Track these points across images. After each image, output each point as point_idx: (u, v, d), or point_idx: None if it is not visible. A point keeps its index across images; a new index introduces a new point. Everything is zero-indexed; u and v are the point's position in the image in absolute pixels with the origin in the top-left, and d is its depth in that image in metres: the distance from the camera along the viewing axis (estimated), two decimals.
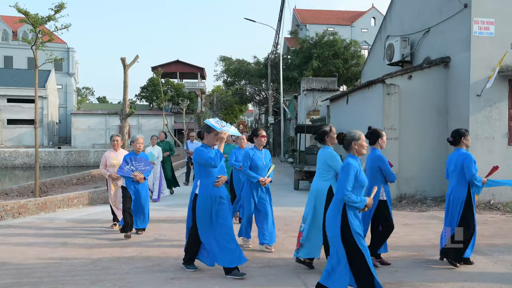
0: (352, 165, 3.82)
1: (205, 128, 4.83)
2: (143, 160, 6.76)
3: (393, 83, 9.97)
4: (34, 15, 9.65)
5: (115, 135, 7.50)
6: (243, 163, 5.92)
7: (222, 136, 4.67)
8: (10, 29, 51.50)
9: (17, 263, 5.28)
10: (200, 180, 4.79)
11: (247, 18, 42.43)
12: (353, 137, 3.98)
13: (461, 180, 5.16)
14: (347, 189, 3.74)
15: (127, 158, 6.66)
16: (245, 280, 4.68)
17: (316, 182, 4.97)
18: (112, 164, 7.18)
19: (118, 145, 7.34)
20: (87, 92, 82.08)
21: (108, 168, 7.23)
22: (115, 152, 7.32)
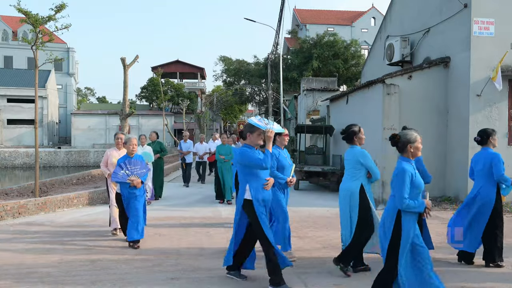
0: (407, 170, 3.65)
1: (247, 127, 4.51)
2: (138, 163, 6.23)
3: (393, 83, 9.97)
4: (34, 15, 9.64)
5: (119, 132, 7.19)
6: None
7: (269, 135, 4.37)
8: (10, 29, 51.52)
9: (17, 263, 5.28)
10: (249, 184, 4.43)
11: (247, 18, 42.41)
12: (409, 139, 3.81)
13: (489, 180, 5.14)
14: (404, 197, 3.57)
15: (121, 162, 6.14)
16: (245, 280, 4.68)
17: (347, 182, 4.93)
18: (114, 163, 6.75)
19: (122, 143, 6.90)
20: (88, 92, 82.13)
21: (109, 167, 6.89)
22: (118, 151, 7.00)
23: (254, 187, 4.41)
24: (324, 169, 12.31)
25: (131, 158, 6.24)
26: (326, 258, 5.50)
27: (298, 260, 5.41)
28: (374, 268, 5.08)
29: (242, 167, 4.48)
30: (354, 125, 5.05)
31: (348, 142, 5.02)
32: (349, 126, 5.04)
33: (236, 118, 61.65)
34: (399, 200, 3.59)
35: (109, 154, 6.96)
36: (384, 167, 9.79)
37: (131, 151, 6.28)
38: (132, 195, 6.14)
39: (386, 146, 9.84)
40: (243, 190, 4.46)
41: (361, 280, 4.69)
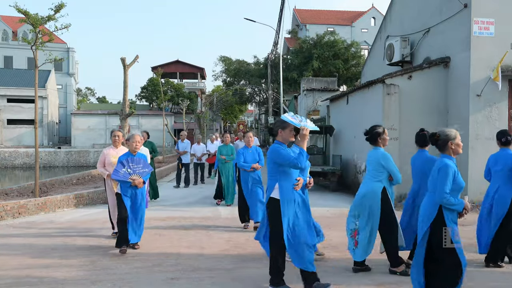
0: (451, 166, 3.61)
1: (279, 123, 4.32)
2: (141, 161, 5.90)
3: (393, 83, 9.97)
4: (34, 15, 9.64)
5: (116, 130, 6.82)
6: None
7: (305, 133, 4.17)
8: (10, 29, 51.52)
9: (17, 263, 5.28)
10: (279, 182, 4.22)
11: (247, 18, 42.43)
12: (449, 136, 3.77)
13: (508, 181, 5.14)
14: (445, 191, 3.55)
15: (123, 160, 5.81)
16: (245, 280, 4.68)
17: (368, 183, 4.90)
18: (112, 162, 6.41)
19: (120, 141, 6.61)
20: (89, 92, 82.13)
21: (107, 167, 6.48)
22: (116, 149, 6.60)
23: (283, 187, 4.21)
24: (324, 169, 12.31)
25: (134, 156, 5.91)
26: (326, 258, 5.51)
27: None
28: (374, 269, 5.09)
29: (273, 164, 4.26)
30: (378, 126, 5.02)
31: (371, 143, 4.99)
32: (373, 127, 5.01)
33: (236, 118, 61.67)
34: (440, 195, 3.56)
35: (106, 153, 6.56)
36: None
37: (134, 149, 5.93)
38: (133, 195, 5.84)
39: (386, 146, 9.83)
40: (272, 188, 4.26)
41: (361, 280, 4.69)
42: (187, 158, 13.22)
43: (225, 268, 5.13)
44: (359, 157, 11.44)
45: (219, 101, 44.01)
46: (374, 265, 5.24)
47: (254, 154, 7.52)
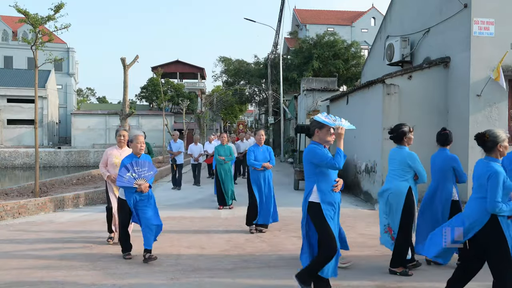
0: (501, 173, 3.54)
1: (315, 123, 4.15)
2: (146, 164, 5.40)
3: (393, 83, 9.97)
4: (34, 15, 9.65)
5: (122, 129, 6.35)
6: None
7: (340, 132, 4.01)
8: (10, 29, 51.52)
9: (17, 263, 5.28)
10: (317, 184, 4.02)
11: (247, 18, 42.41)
12: (498, 138, 3.71)
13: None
14: (497, 200, 3.48)
15: (127, 164, 5.29)
16: (245, 280, 4.68)
17: (393, 182, 4.87)
18: (114, 163, 6.06)
19: (125, 141, 6.15)
20: (89, 92, 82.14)
21: (108, 168, 6.12)
22: (120, 149, 6.20)
23: (322, 189, 4.01)
24: None
25: (138, 159, 5.37)
26: None
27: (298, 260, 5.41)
28: (374, 269, 5.08)
29: (310, 165, 4.07)
30: (404, 125, 4.99)
31: (396, 142, 4.98)
32: (398, 125, 4.98)
33: (236, 118, 61.65)
34: (492, 204, 3.50)
35: (109, 154, 6.17)
36: (384, 167, 9.78)
37: (138, 151, 5.38)
38: (140, 202, 5.37)
39: (386, 146, 9.84)
40: (310, 191, 4.07)
41: (362, 280, 4.70)
42: (181, 159, 12.89)
43: (225, 268, 5.13)
44: (359, 157, 11.44)
45: (219, 101, 43.99)
46: (375, 265, 5.25)
47: (265, 152, 7.21)
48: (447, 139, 5.18)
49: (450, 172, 5.09)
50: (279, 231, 7.12)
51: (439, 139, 5.23)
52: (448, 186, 5.07)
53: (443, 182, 5.06)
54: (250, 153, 7.11)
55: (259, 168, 6.98)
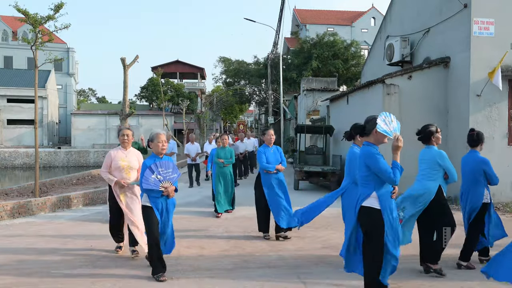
0: None
1: (373, 123, 3.83)
2: (170, 165, 4.86)
3: (393, 83, 9.97)
4: (34, 15, 9.65)
5: (125, 128, 5.80)
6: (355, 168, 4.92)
7: (399, 145, 3.76)
8: (10, 29, 51.51)
9: (17, 263, 5.28)
10: (377, 191, 3.72)
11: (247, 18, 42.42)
12: None
13: None
14: None
15: (151, 165, 4.72)
16: (245, 280, 4.68)
17: (422, 181, 4.88)
18: (120, 166, 5.46)
19: (130, 141, 5.66)
20: (90, 93, 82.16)
21: (113, 173, 5.49)
22: (124, 150, 5.62)
23: (384, 196, 3.72)
24: (324, 169, 12.32)
25: (161, 159, 4.85)
26: (326, 258, 5.51)
27: (298, 260, 5.42)
28: None
29: (367, 168, 3.78)
30: (431, 125, 5.00)
31: (424, 143, 4.99)
32: (426, 126, 4.98)
33: (236, 118, 61.63)
34: None
35: (114, 156, 5.54)
36: None
37: (160, 150, 4.82)
38: (165, 212, 4.80)
39: (385, 146, 9.83)
40: (366, 196, 3.75)
41: (362, 280, 4.69)
42: (174, 160, 12.49)
43: (225, 268, 5.13)
44: None
45: (219, 101, 43.99)
46: None
47: (276, 154, 6.67)
48: (473, 139, 5.18)
49: (481, 175, 5.08)
50: None
51: (468, 140, 5.27)
52: (480, 189, 5.07)
53: (474, 185, 5.06)
54: (261, 155, 6.55)
55: (273, 171, 6.46)
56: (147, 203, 4.73)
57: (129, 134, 5.66)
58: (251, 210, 9.06)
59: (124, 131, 5.67)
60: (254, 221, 7.87)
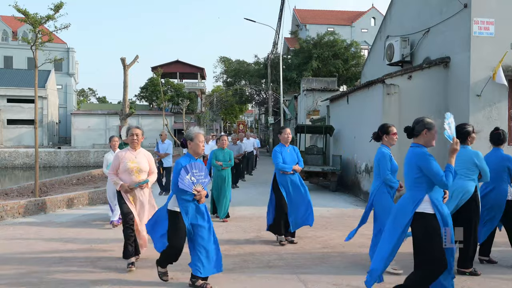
0: None
1: (425, 123, 3.69)
2: (203, 168, 4.51)
3: (393, 83, 9.97)
4: (34, 15, 9.64)
5: (134, 126, 5.36)
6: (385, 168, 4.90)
7: (457, 148, 3.55)
8: (10, 29, 51.53)
9: (17, 263, 5.28)
10: (430, 194, 3.53)
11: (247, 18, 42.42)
12: None
13: None
14: None
15: (186, 165, 4.34)
16: (245, 280, 4.68)
17: (459, 181, 4.87)
18: (129, 169, 5.12)
19: (139, 141, 5.29)
20: (90, 93, 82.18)
21: (121, 175, 5.15)
22: (133, 151, 5.26)
23: (438, 200, 3.55)
24: (324, 169, 12.32)
25: (196, 161, 4.50)
26: (326, 258, 5.51)
27: (298, 260, 5.42)
28: None
29: (418, 170, 3.59)
30: (468, 124, 5.03)
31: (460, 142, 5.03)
32: (462, 125, 5.00)
33: (236, 118, 61.65)
34: None
35: (122, 158, 5.17)
36: None
37: (200, 151, 4.47)
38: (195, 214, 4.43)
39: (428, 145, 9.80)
40: (418, 200, 3.54)
41: (362, 280, 4.69)
42: (169, 161, 11.62)
43: (225, 268, 5.12)
44: (359, 157, 11.44)
45: (219, 101, 43.99)
46: None
47: (293, 154, 6.36)
48: (499, 138, 5.22)
49: (505, 173, 5.11)
50: None
51: (491, 138, 5.30)
52: (504, 186, 5.10)
53: (499, 182, 5.09)
54: (277, 154, 6.21)
55: (290, 171, 6.17)
56: (175, 207, 4.37)
57: (139, 133, 5.26)
58: (251, 210, 9.07)
59: (133, 130, 5.27)
60: (254, 221, 7.88)
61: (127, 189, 5.12)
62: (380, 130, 4.99)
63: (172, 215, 4.40)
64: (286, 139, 6.33)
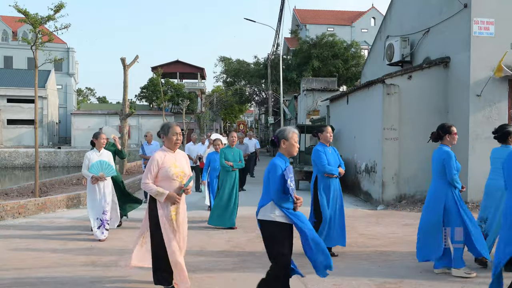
0: None
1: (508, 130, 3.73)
2: (292, 170, 3.89)
3: (393, 83, 9.97)
4: (34, 15, 9.65)
5: (174, 124, 4.35)
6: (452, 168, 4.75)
7: None
8: (10, 29, 51.53)
9: (17, 263, 5.28)
10: None
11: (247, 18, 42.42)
12: None
13: None
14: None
15: (285, 169, 3.69)
16: (245, 280, 4.68)
17: (499, 180, 4.84)
18: (173, 175, 4.15)
19: (180, 141, 4.35)
20: (89, 92, 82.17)
21: (161, 183, 4.13)
22: (173, 153, 4.28)
23: None
24: None
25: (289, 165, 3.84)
26: None
27: (298, 260, 5.41)
28: (374, 269, 5.07)
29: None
30: (508, 125, 5.09)
31: (500, 142, 5.08)
32: (502, 126, 5.08)
33: (236, 118, 61.64)
34: None
35: (162, 161, 4.16)
36: (384, 167, 9.79)
37: (295, 151, 3.86)
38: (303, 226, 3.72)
39: (386, 146, 9.84)
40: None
41: (362, 280, 4.70)
42: None
43: (225, 268, 5.13)
44: (359, 157, 11.44)
45: (219, 101, 43.97)
46: (375, 265, 5.25)
47: (334, 155, 5.70)
48: None
49: None
50: None
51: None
52: None
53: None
54: (321, 155, 5.53)
55: (335, 174, 5.53)
56: (280, 217, 3.66)
57: (180, 133, 4.33)
58: (252, 210, 9.06)
59: (176, 128, 4.29)
60: (254, 221, 7.82)
61: (177, 199, 4.12)
62: (441, 130, 4.94)
63: (279, 228, 3.66)
64: (329, 138, 5.68)
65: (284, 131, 3.84)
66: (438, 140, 4.98)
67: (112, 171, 6.65)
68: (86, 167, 6.56)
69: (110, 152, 6.87)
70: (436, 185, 4.90)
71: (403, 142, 9.87)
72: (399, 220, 8.19)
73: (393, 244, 6.25)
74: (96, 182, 6.53)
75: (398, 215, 8.71)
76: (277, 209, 3.67)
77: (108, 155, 6.75)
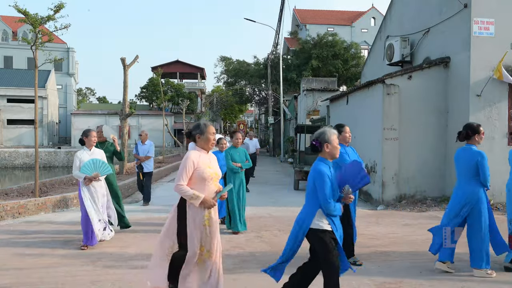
0: None
1: None
2: None
3: (393, 83, 9.97)
4: (34, 15, 9.64)
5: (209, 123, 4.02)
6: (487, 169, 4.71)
7: None
8: (10, 29, 51.54)
9: (16, 264, 5.28)
10: None
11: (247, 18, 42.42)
12: None
13: None
14: None
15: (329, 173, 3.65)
16: (245, 280, 4.68)
17: None
18: (208, 176, 3.84)
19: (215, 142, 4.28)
20: (89, 92, 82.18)
21: (195, 185, 3.78)
22: (206, 153, 3.97)
23: None
24: None
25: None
26: None
27: (298, 260, 5.40)
28: (374, 269, 5.07)
29: None
30: None
31: None
32: None
33: (236, 118, 61.64)
34: None
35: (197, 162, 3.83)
36: (384, 167, 9.79)
37: (338, 155, 3.73)
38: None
39: (386, 146, 9.84)
40: None
41: (362, 280, 4.70)
42: (150, 166, 9.97)
43: (225, 268, 5.11)
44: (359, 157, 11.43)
45: (219, 101, 43.95)
46: (375, 265, 5.25)
47: (354, 156, 5.54)
48: None
49: None
50: (279, 231, 7.11)
51: None
52: None
53: None
54: (343, 156, 5.20)
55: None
56: (327, 226, 3.62)
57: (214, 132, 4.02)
58: (252, 210, 9.06)
59: (212, 127, 3.97)
60: (254, 221, 7.88)
61: (213, 203, 3.81)
62: (470, 130, 4.83)
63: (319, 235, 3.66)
64: (348, 139, 5.43)
65: (324, 134, 3.66)
66: (465, 139, 4.91)
67: (107, 169, 6.09)
68: (77, 168, 5.98)
69: (102, 151, 6.38)
70: (468, 186, 4.78)
71: (403, 142, 9.87)
72: (399, 220, 8.19)
73: (393, 244, 6.25)
74: (89, 183, 5.92)
75: (398, 215, 8.71)
76: (324, 218, 3.64)
77: (100, 153, 6.24)
